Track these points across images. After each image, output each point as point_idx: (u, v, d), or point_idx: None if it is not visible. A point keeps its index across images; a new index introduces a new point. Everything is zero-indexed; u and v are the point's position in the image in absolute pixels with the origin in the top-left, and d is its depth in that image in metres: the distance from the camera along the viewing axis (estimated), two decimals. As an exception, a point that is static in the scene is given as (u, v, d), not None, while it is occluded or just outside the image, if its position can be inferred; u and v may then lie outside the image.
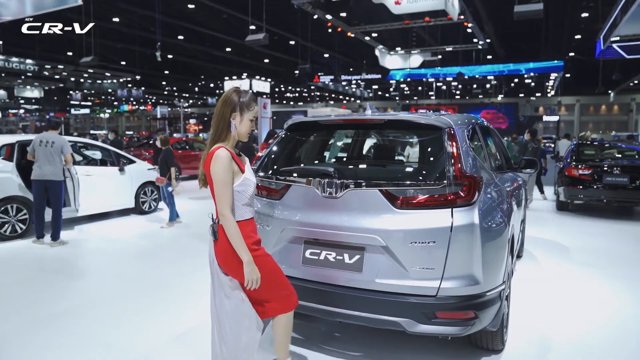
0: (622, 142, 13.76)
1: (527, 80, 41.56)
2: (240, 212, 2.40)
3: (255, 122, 2.54)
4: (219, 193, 2.31)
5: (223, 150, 2.32)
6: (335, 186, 2.90)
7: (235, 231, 2.32)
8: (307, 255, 3.01)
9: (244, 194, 2.38)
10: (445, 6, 15.54)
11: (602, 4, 19.55)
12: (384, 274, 2.75)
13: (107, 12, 22.64)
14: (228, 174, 2.30)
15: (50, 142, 6.22)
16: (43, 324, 3.78)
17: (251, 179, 2.42)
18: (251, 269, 2.34)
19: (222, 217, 2.31)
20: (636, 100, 44.67)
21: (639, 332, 3.75)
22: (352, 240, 2.85)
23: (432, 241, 2.66)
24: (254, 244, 2.43)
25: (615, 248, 6.51)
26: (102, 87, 43.61)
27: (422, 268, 2.68)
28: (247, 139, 2.50)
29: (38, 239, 6.44)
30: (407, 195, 2.76)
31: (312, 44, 27.70)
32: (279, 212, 3.14)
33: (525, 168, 5.00)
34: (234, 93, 2.42)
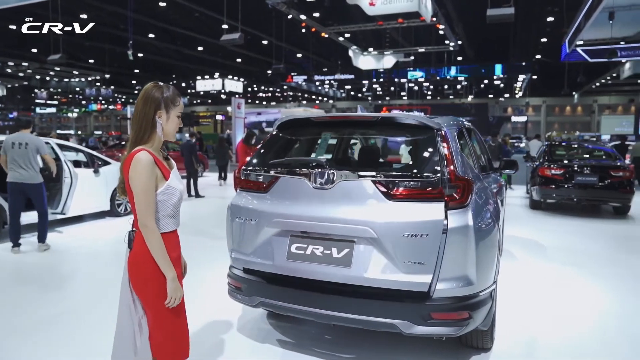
0: (589, 142, 14.25)
1: (497, 82, 42.55)
2: (161, 223, 2.11)
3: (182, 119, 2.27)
4: (139, 201, 2.03)
5: (144, 153, 2.05)
6: (327, 176, 2.88)
7: (159, 245, 2.05)
8: (293, 250, 2.94)
9: (166, 203, 2.12)
10: (418, 8, 15.77)
11: (567, 9, 20.19)
12: (374, 269, 2.72)
13: (74, 9, 22.00)
14: (150, 180, 2.03)
15: (24, 143, 5.85)
16: (26, 332, 3.65)
17: (176, 187, 2.15)
18: (175, 287, 2.09)
19: (145, 229, 2.04)
20: (598, 102, 46.38)
21: (619, 327, 3.89)
22: (342, 232, 2.80)
23: (424, 234, 2.66)
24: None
25: (589, 246, 6.73)
26: (70, 86, 42.37)
27: (413, 262, 2.66)
28: (175, 138, 2.33)
29: (14, 247, 6.02)
30: (400, 187, 2.76)
31: (286, 44, 27.63)
32: (265, 205, 3.08)
33: (505, 169, 5.12)
34: (154, 88, 2.12)
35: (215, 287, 4.54)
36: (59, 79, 41.18)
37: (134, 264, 2.12)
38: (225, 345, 3.46)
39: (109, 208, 8.22)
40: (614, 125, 36.00)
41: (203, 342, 3.51)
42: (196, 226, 7.93)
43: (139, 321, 2.14)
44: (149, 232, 2.04)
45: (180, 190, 2.21)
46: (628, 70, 25.97)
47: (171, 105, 2.14)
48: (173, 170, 2.22)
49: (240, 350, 3.42)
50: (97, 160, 8.12)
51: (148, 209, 2.04)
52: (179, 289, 2.11)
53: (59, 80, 41.50)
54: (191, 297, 4.23)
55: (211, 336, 3.61)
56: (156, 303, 2.10)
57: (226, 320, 3.89)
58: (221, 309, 4.07)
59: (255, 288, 3.13)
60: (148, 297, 2.11)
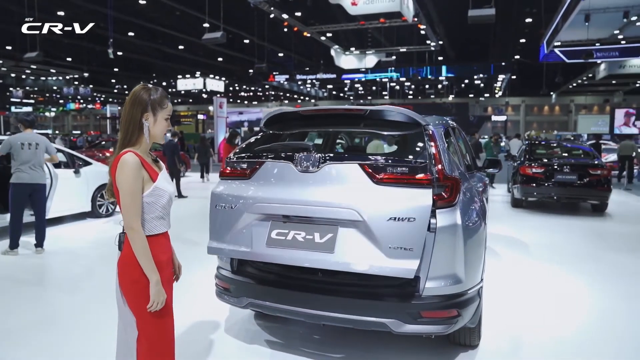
0: (568, 141, 14.58)
1: (477, 82, 43.12)
2: (150, 225, 2.11)
3: (170, 120, 2.25)
4: (125, 203, 2.03)
5: (131, 155, 2.05)
6: (312, 160, 2.86)
7: (143, 248, 2.04)
8: (273, 236, 2.87)
9: (154, 205, 2.10)
10: (400, 8, 15.86)
11: (545, 11, 20.56)
12: (358, 254, 2.66)
13: (51, 5, 21.55)
14: (136, 182, 2.03)
15: (34, 143, 5.74)
16: (13, 337, 3.55)
17: (164, 189, 2.14)
18: (158, 290, 2.06)
19: (130, 231, 2.04)
20: (575, 101, 47.36)
21: (602, 323, 3.98)
22: (326, 214, 2.74)
23: (411, 218, 2.61)
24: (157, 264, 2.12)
25: (570, 243, 6.87)
26: (47, 84, 41.45)
27: (399, 247, 2.60)
28: (163, 140, 2.28)
29: (12, 249, 5.88)
30: (387, 171, 2.74)
31: (268, 43, 27.52)
32: (247, 191, 3.03)
33: (489, 167, 5.19)
34: (142, 91, 2.12)
35: (201, 288, 4.50)
36: (36, 77, 40.24)
37: (123, 265, 2.10)
38: (213, 347, 3.43)
39: (90, 209, 8.07)
40: (590, 125, 36.84)
41: (190, 343, 3.47)
42: (180, 227, 7.84)
43: (129, 323, 2.12)
44: (134, 234, 2.03)
45: (170, 192, 2.19)
46: (603, 71, 26.60)
47: (158, 107, 2.13)
48: (162, 172, 2.19)
49: (228, 351, 3.39)
50: (78, 161, 7.96)
51: (134, 211, 2.02)
52: (162, 293, 2.08)
53: (36, 78, 40.56)
54: (178, 299, 4.19)
55: (199, 338, 3.57)
56: (143, 306, 2.07)
57: (213, 322, 3.85)
58: (208, 311, 4.04)
59: (243, 289, 3.11)
60: (135, 300, 2.08)
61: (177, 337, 3.48)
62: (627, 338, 3.66)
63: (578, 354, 3.40)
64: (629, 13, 16.86)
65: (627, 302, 4.43)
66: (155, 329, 2.12)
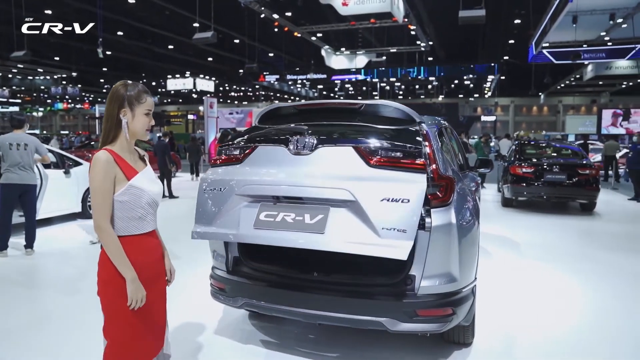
0: (557, 141, 14.76)
1: (467, 82, 43.41)
2: (125, 225, 2.05)
3: (151, 115, 2.17)
4: (94, 202, 1.99)
5: (103, 153, 2.01)
6: (306, 143, 2.84)
7: (114, 247, 2.00)
8: (262, 218, 2.79)
9: (129, 204, 2.04)
10: (390, 8, 15.92)
11: (533, 12, 20.75)
12: (350, 235, 2.58)
13: (39, 4, 21.30)
14: (105, 180, 1.98)
15: (22, 144, 5.69)
16: (11, 337, 3.52)
17: (141, 187, 2.06)
18: (135, 287, 2.01)
19: (98, 230, 2.00)
20: (563, 102, 47.88)
21: (594, 321, 4.04)
22: (317, 194, 2.69)
23: (405, 199, 2.56)
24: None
25: (560, 242, 6.95)
26: (34, 84, 40.90)
27: (393, 229, 2.51)
28: (146, 137, 2.19)
29: (1, 250, 5.81)
30: (382, 155, 2.72)
31: (258, 43, 27.46)
32: (238, 174, 2.98)
33: (480, 167, 5.23)
34: (120, 86, 2.09)
35: (195, 289, 4.49)
36: (23, 76, 39.72)
37: (99, 264, 2.10)
38: (208, 347, 3.42)
39: (80, 210, 7.99)
40: (577, 125, 37.25)
41: (185, 344, 3.45)
42: (172, 227, 7.79)
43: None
44: (102, 233, 2.00)
45: (153, 191, 2.13)
46: (590, 72, 26.94)
47: (135, 102, 2.07)
48: (143, 171, 2.13)
49: (223, 351, 3.38)
50: (68, 161, 7.89)
51: (101, 210, 1.99)
52: (140, 290, 2.03)
53: (23, 78, 40.04)
54: (171, 300, 4.18)
55: (193, 338, 3.56)
56: (114, 306, 2.04)
57: (208, 322, 3.84)
58: (202, 311, 4.02)
59: (239, 289, 3.10)
60: (105, 299, 2.06)
61: (171, 337, 3.48)
62: (620, 336, 3.71)
63: (571, 352, 3.44)
64: (615, 15, 17.09)
65: (618, 300, 4.49)
66: (128, 329, 2.06)
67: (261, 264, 3.17)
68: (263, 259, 3.25)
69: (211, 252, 3.41)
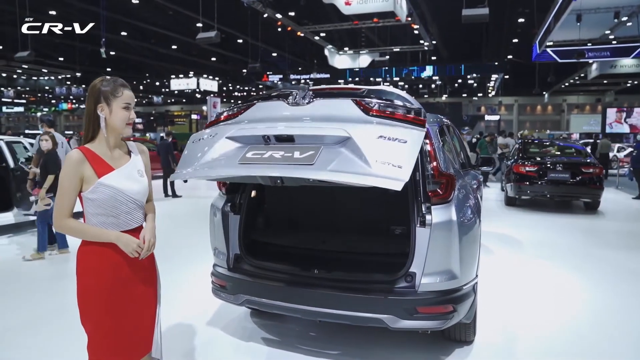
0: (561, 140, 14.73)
1: (470, 81, 43.28)
2: (98, 223, 2.01)
3: (128, 108, 2.08)
4: (56, 199, 2.01)
5: (75, 152, 2.00)
6: (305, 94, 2.77)
7: (80, 229, 1.99)
8: (248, 156, 2.58)
9: (99, 202, 1.99)
10: (394, 8, 15.89)
11: (537, 11, 20.67)
12: (341, 166, 2.35)
13: (43, 4, 21.39)
14: (70, 179, 1.96)
15: (62, 142, 5.99)
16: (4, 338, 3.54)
17: (112, 185, 2.00)
18: (125, 241, 1.99)
19: (60, 229, 2.01)
20: (567, 101, 47.65)
21: (595, 319, 4.02)
22: (310, 132, 2.55)
23: (403, 140, 2.35)
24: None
25: (563, 240, 6.93)
26: (38, 84, 41.09)
27: (388, 164, 2.28)
28: (127, 132, 2.10)
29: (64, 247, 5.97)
30: (382, 108, 2.56)
31: (261, 43, 27.48)
32: (232, 124, 2.86)
33: (482, 165, 5.23)
34: (97, 82, 2.06)
35: (196, 286, 4.49)
36: (27, 77, 39.92)
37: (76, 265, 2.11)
38: (209, 345, 3.44)
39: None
40: (582, 124, 37.11)
41: (186, 342, 3.47)
42: (174, 226, 7.83)
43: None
44: (64, 228, 2.00)
45: (127, 190, 2.04)
46: (595, 71, 26.78)
47: (111, 97, 2.03)
48: (121, 169, 2.06)
49: (225, 349, 3.39)
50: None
51: (60, 207, 1.99)
52: (131, 240, 2.00)
53: (27, 78, 40.24)
54: (173, 298, 4.19)
55: (194, 336, 3.57)
56: (86, 305, 2.05)
57: (209, 320, 3.85)
58: (204, 309, 4.03)
59: (240, 286, 3.11)
60: (79, 296, 2.06)
61: (173, 335, 3.50)
62: (621, 334, 3.69)
63: (572, 350, 3.43)
64: (619, 13, 17.01)
65: (620, 298, 4.47)
66: (97, 331, 2.05)
67: (262, 261, 3.18)
68: (264, 257, 3.26)
69: (212, 249, 3.43)
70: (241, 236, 3.30)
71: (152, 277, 2.21)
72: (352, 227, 3.55)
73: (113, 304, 2.03)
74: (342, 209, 3.56)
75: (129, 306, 2.07)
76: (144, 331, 2.14)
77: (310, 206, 3.67)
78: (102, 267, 2.01)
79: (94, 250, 2.01)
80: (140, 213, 2.14)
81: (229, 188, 3.43)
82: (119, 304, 2.04)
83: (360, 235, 3.44)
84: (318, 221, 3.67)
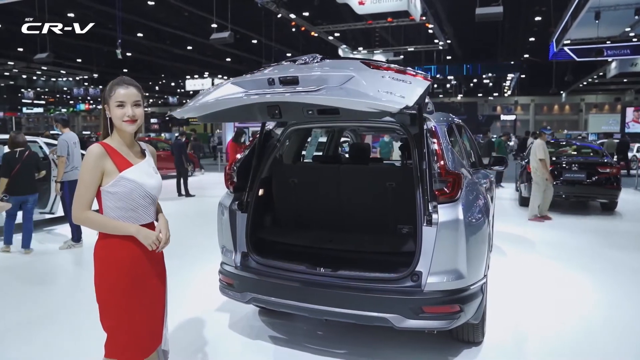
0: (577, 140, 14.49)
1: (486, 81, 42.86)
2: (117, 216, 2.06)
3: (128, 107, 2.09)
4: (76, 192, 2.04)
5: (94, 146, 2.06)
6: (315, 57, 2.77)
7: (100, 222, 2.03)
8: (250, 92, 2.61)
9: (119, 196, 2.05)
10: (408, 7, 15.80)
11: (554, 9, 20.37)
12: (343, 94, 2.35)
13: (61, 7, 21.77)
14: (91, 172, 2.01)
15: (77, 142, 6.17)
16: (9, 334, 3.61)
17: (133, 180, 2.06)
18: (145, 235, 2.06)
19: (78, 221, 2.05)
20: (585, 100, 46.89)
21: (607, 321, 3.94)
22: (315, 73, 2.53)
23: (408, 81, 2.37)
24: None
25: (578, 241, 6.81)
26: (57, 85, 41.85)
27: (392, 94, 2.27)
28: (126, 129, 2.10)
29: (77, 241, 6.18)
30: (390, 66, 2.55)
31: (275, 43, 27.57)
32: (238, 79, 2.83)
33: (494, 165, 5.17)
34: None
35: (206, 285, 4.52)
36: (46, 78, 40.72)
37: (94, 257, 2.14)
38: (217, 343, 3.46)
39: (98, 207, 8.14)
40: (600, 124, 36.43)
41: (195, 339, 3.49)
42: (185, 225, 7.90)
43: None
44: (85, 221, 2.04)
45: (145, 184, 2.11)
46: (614, 70, 26.28)
47: (108, 97, 2.11)
48: (140, 164, 2.13)
49: (232, 347, 3.41)
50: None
51: (80, 200, 2.03)
52: (150, 233, 2.08)
53: (46, 79, 41.04)
54: (183, 295, 4.23)
55: (202, 333, 3.60)
56: (106, 297, 2.09)
57: (218, 318, 3.87)
58: (212, 307, 4.06)
59: (247, 284, 3.13)
60: (99, 291, 2.10)
61: (183, 332, 3.53)
62: (631, 336, 3.62)
63: (582, 352, 3.37)
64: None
65: (633, 301, 4.38)
66: (118, 325, 2.09)
67: (269, 260, 3.19)
68: (271, 255, 3.27)
69: (220, 247, 3.45)
70: (248, 234, 3.32)
71: (164, 272, 2.29)
72: (359, 226, 3.54)
73: (132, 297, 2.09)
74: (349, 207, 3.55)
75: (145, 299, 2.13)
76: (156, 324, 2.20)
77: (317, 205, 3.67)
78: (121, 259, 2.06)
79: (113, 243, 2.06)
80: (154, 209, 2.21)
81: (237, 186, 3.46)
82: (137, 297, 2.10)
83: (367, 234, 3.43)
84: (325, 220, 3.67)
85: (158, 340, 2.22)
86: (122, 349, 2.10)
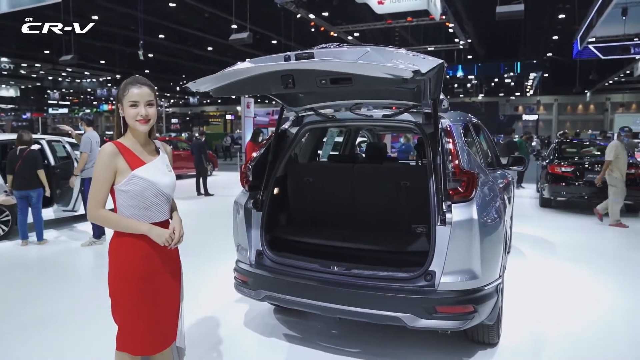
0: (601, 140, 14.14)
1: (507, 80, 42.22)
2: (130, 214, 2.08)
3: (140, 107, 2.09)
4: (90, 190, 2.08)
5: (108, 145, 2.08)
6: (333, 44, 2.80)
7: (114, 220, 2.07)
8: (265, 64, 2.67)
9: (132, 194, 2.07)
10: (427, 6, 15.67)
11: (578, 6, 19.95)
12: (359, 66, 2.41)
13: (85, 10, 22.24)
14: (104, 171, 2.04)
15: (97, 141, 6.34)
16: (30, 327, 3.71)
17: (145, 178, 2.08)
18: (158, 233, 2.07)
19: (93, 219, 2.09)
20: (611, 99, 45.75)
21: (626, 325, 3.86)
22: (331, 51, 2.61)
23: (422, 57, 2.43)
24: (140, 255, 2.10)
25: (599, 244, 6.68)
26: (81, 86, 42.78)
27: (405, 63, 2.33)
28: (139, 128, 2.11)
29: (99, 237, 6.34)
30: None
31: (295, 43, 27.68)
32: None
33: (513, 165, 5.09)
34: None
35: (222, 283, 4.57)
36: (71, 79, 41.66)
37: (109, 253, 2.18)
38: (232, 340, 3.49)
39: (115, 206, 8.30)
40: (627, 124, 35.49)
41: (209, 335, 3.54)
42: (204, 223, 8.00)
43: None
44: (98, 219, 2.09)
45: (158, 182, 2.12)
46: (642, 67, 25.59)
47: (122, 97, 2.11)
48: (151, 163, 2.14)
49: (247, 344, 3.44)
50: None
51: (95, 198, 2.07)
52: (162, 231, 2.09)
53: (71, 81, 42.00)
54: (199, 293, 4.29)
55: (218, 331, 3.64)
56: (119, 293, 2.12)
57: (233, 315, 3.92)
58: (228, 305, 4.11)
59: (261, 282, 3.15)
60: (112, 286, 2.14)
61: (196, 329, 3.58)
62: (655, 340, 3.54)
63: (600, 355, 3.30)
64: (671, 5, 16.16)
65: (657, 304, 4.27)
66: (130, 320, 2.13)
67: (283, 258, 3.22)
68: (285, 253, 3.29)
69: (235, 245, 3.49)
70: (263, 232, 3.35)
71: (178, 270, 2.31)
72: (373, 225, 3.54)
73: (144, 293, 2.12)
74: (363, 206, 3.55)
75: (158, 296, 2.16)
76: (170, 320, 2.23)
77: (332, 203, 3.68)
78: (135, 257, 2.10)
79: (127, 241, 2.09)
80: (168, 207, 2.22)
81: (252, 185, 3.49)
82: (150, 294, 2.13)
83: (381, 233, 3.43)
84: (339, 218, 3.68)
85: (172, 337, 2.24)
86: (132, 342, 2.14)
